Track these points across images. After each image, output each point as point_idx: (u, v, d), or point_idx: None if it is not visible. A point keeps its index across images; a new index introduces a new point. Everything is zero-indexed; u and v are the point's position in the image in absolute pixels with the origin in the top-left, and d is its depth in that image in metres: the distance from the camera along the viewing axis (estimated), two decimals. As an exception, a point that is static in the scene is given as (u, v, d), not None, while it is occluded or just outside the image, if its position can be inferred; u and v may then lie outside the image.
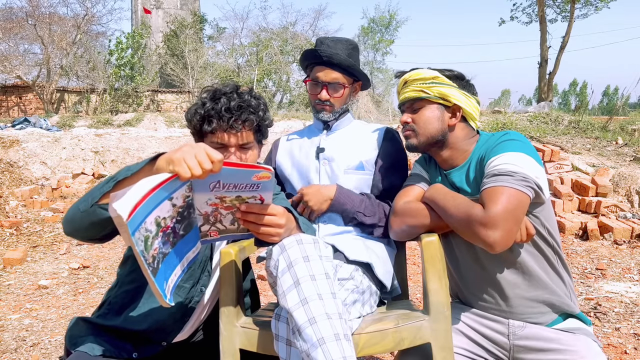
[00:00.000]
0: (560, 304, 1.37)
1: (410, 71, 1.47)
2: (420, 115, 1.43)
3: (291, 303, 1.11)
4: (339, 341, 1.05)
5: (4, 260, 3.85)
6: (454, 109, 1.42)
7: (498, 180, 1.24)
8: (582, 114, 8.88)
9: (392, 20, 24.59)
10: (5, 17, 16.51)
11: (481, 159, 1.37)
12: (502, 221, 1.18)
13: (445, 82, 1.41)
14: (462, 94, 1.42)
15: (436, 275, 1.28)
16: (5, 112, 16.27)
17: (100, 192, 1.08)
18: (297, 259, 1.15)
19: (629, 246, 4.16)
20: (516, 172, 1.23)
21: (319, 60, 1.62)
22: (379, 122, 12.45)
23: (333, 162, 1.65)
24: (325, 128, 1.71)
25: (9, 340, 2.59)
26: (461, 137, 1.44)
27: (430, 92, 1.40)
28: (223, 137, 1.34)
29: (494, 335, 1.40)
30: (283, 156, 1.75)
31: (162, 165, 0.98)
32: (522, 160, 1.26)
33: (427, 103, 1.42)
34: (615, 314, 2.84)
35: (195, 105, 1.37)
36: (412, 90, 1.43)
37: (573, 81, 49.52)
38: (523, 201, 1.22)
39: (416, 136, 1.44)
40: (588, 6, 16.59)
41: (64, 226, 1.17)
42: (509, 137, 1.34)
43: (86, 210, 1.08)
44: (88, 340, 1.32)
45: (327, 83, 1.62)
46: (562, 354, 1.29)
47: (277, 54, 19.87)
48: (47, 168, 7.17)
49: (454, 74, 1.44)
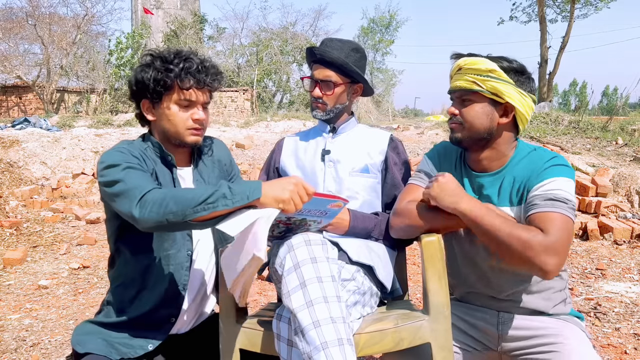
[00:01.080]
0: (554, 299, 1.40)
1: (467, 56, 1.38)
2: (469, 109, 1.36)
3: (296, 304, 1.11)
4: (341, 346, 1.06)
5: (4, 260, 3.85)
6: (506, 107, 1.34)
7: (556, 206, 1.24)
8: (582, 114, 8.88)
9: (392, 21, 24.58)
10: (5, 17, 16.51)
11: (525, 179, 1.33)
12: (561, 248, 1.19)
13: (501, 78, 1.32)
14: (518, 92, 1.33)
15: (436, 275, 1.29)
16: (5, 112, 16.27)
17: (194, 213, 1.11)
18: (304, 260, 1.15)
19: (629, 246, 4.16)
20: (570, 200, 1.25)
21: (315, 58, 1.65)
22: (379, 122, 12.47)
23: (338, 164, 1.65)
24: (332, 130, 1.72)
25: (9, 340, 2.59)
26: (506, 139, 1.38)
27: (483, 86, 1.32)
28: (193, 94, 1.38)
29: (483, 325, 1.43)
30: (288, 156, 1.75)
31: (269, 202, 1.12)
32: (572, 189, 1.28)
33: (479, 97, 1.34)
34: (615, 314, 2.84)
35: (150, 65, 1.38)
36: (465, 81, 1.35)
37: (573, 81, 49.54)
38: (572, 227, 1.25)
39: (462, 130, 1.38)
40: (588, 6, 16.60)
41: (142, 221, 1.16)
42: (559, 161, 1.32)
43: (175, 222, 1.13)
44: (100, 344, 1.34)
45: (319, 80, 1.63)
46: (547, 338, 1.32)
47: (277, 54, 19.86)
48: (47, 168, 7.17)
49: (513, 66, 1.34)
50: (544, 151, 1.37)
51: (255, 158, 7.60)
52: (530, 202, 1.29)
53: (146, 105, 1.41)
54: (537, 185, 1.29)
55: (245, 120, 10.90)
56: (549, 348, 1.29)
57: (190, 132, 1.40)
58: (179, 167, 1.47)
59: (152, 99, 1.39)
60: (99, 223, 5.35)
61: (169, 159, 1.43)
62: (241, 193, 1.12)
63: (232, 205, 1.11)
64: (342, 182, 1.63)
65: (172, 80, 1.35)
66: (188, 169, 1.50)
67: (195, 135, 1.41)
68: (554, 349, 1.27)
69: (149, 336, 1.38)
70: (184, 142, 1.41)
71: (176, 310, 1.41)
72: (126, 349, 1.34)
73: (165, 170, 1.42)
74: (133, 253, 1.38)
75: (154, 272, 1.38)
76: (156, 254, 1.38)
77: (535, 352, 1.32)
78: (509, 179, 1.37)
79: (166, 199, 1.13)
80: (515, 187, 1.35)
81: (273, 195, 1.12)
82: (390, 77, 25.30)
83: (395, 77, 25.67)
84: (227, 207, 1.11)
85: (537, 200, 1.27)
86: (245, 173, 6.88)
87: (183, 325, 1.47)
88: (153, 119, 1.42)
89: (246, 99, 16.22)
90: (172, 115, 1.38)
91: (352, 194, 1.62)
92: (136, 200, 1.17)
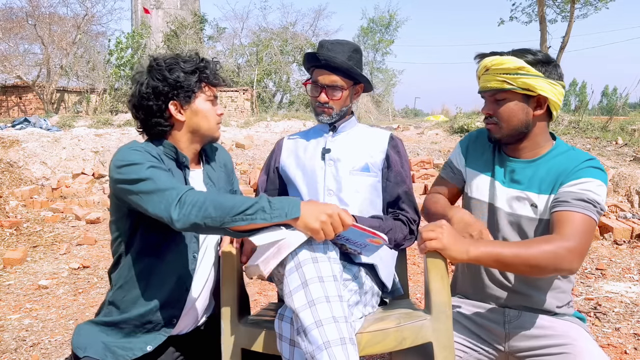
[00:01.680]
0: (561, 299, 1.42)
1: (491, 55, 1.39)
2: (505, 109, 1.37)
3: (298, 304, 1.11)
4: (344, 345, 1.06)
5: (4, 260, 3.85)
6: (538, 98, 1.36)
7: (584, 207, 1.26)
8: (582, 114, 8.88)
9: (391, 21, 24.58)
10: (5, 17, 16.50)
11: (562, 171, 1.35)
12: (585, 250, 1.24)
13: (530, 73, 1.32)
14: (549, 83, 1.34)
15: (438, 275, 1.29)
16: (5, 112, 16.26)
17: (232, 222, 1.14)
18: (306, 260, 1.15)
19: (629, 246, 4.16)
20: (599, 203, 1.27)
21: (319, 63, 1.63)
22: (379, 122, 12.47)
23: (339, 162, 1.65)
24: (332, 130, 1.72)
25: (9, 340, 2.59)
26: (541, 128, 1.41)
27: (515, 83, 1.33)
28: (214, 91, 1.48)
29: (490, 325, 1.44)
30: (287, 156, 1.75)
31: (301, 227, 1.15)
32: (604, 193, 1.30)
33: (512, 94, 1.36)
34: (615, 314, 2.84)
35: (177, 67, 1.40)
36: (496, 81, 1.36)
37: (573, 81, 49.47)
38: (594, 229, 1.30)
39: (500, 129, 1.39)
40: (588, 6, 16.59)
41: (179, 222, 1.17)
42: (596, 164, 1.34)
43: (212, 226, 1.16)
44: (98, 346, 1.33)
45: (325, 86, 1.63)
46: (555, 339, 1.33)
47: (277, 54, 19.86)
48: (47, 168, 7.17)
49: (538, 58, 1.35)
50: (581, 152, 1.39)
51: (255, 158, 7.60)
52: (561, 197, 1.30)
53: (176, 106, 1.41)
54: (572, 182, 1.31)
55: (245, 120, 10.90)
56: (559, 350, 1.29)
57: (218, 126, 1.49)
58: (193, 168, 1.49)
59: (183, 98, 1.40)
60: (99, 223, 5.34)
61: (183, 161, 1.43)
62: (280, 209, 1.14)
63: (270, 220, 1.14)
64: (342, 181, 1.63)
65: (206, 76, 1.42)
66: (198, 170, 1.51)
67: (219, 129, 1.50)
68: (564, 350, 1.28)
69: (149, 337, 1.37)
70: (214, 137, 1.49)
71: (178, 311, 1.41)
72: (124, 351, 1.34)
73: (178, 171, 1.43)
74: (140, 253, 1.38)
75: (159, 273, 1.39)
76: (163, 254, 1.39)
77: (544, 354, 1.32)
78: (544, 168, 1.39)
79: (206, 203, 1.16)
80: (549, 177, 1.37)
81: (305, 221, 1.14)
82: (390, 77, 25.29)
83: (395, 77, 25.68)
84: (265, 221, 1.14)
85: (568, 197, 1.29)
86: (245, 173, 6.88)
87: (185, 327, 1.47)
88: (183, 120, 1.43)
89: (246, 99, 16.22)
90: (206, 112, 1.44)
91: (352, 192, 1.62)
92: (175, 201, 1.18)
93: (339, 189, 1.62)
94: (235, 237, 1.20)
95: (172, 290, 1.39)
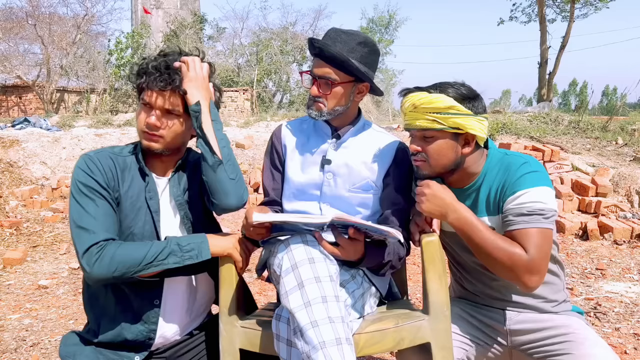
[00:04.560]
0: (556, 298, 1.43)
1: (416, 91, 1.35)
2: (433, 147, 1.34)
3: (294, 304, 1.11)
4: (340, 345, 1.06)
5: (4, 260, 3.85)
6: (466, 136, 1.34)
7: (531, 221, 1.26)
8: (582, 114, 8.87)
9: (391, 20, 24.58)
10: (5, 17, 16.50)
11: (499, 189, 1.33)
12: (542, 265, 1.25)
13: (461, 112, 1.30)
14: (477, 120, 1.32)
15: (436, 275, 1.29)
16: (5, 112, 16.26)
17: (144, 270, 1.22)
18: (302, 260, 1.15)
19: (628, 246, 4.16)
20: (545, 210, 1.26)
21: (315, 51, 1.45)
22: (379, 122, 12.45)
23: (338, 177, 1.50)
24: (335, 137, 1.53)
25: (9, 340, 2.59)
26: (472, 160, 1.39)
27: (445, 123, 1.31)
28: (148, 95, 1.31)
29: (491, 323, 1.46)
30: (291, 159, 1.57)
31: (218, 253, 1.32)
32: (547, 196, 1.28)
33: (441, 132, 1.33)
34: (615, 314, 2.84)
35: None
36: (425, 120, 1.32)
37: (573, 81, 49.46)
38: (551, 237, 1.28)
39: (429, 166, 1.37)
40: (588, 6, 16.59)
41: (88, 275, 1.22)
42: (530, 168, 1.31)
43: (125, 277, 1.22)
44: (88, 351, 1.32)
45: (317, 77, 1.44)
46: (556, 329, 1.35)
47: (277, 54, 19.86)
48: (47, 168, 7.17)
49: (464, 94, 1.32)
50: (514, 157, 1.36)
51: (255, 158, 7.59)
52: (506, 216, 1.30)
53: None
54: (511, 197, 1.30)
55: (245, 120, 10.89)
56: (561, 339, 1.31)
57: (144, 135, 1.33)
58: (158, 175, 1.40)
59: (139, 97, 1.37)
60: (99, 223, 5.33)
61: (141, 166, 1.37)
62: (191, 251, 1.25)
63: (182, 262, 1.24)
64: (339, 199, 1.50)
65: (133, 76, 1.33)
66: (164, 179, 1.41)
67: (147, 139, 1.33)
68: (567, 339, 1.30)
69: (134, 350, 1.34)
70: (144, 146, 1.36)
71: (153, 327, 1.34)
72: (115, 356, 1.32)
73: (140, 180, 1.36)
74: None
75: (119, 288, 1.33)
76: None
77: (547, 344, 1.34)
78: (485, 190, 1.38)
79: (115, 257, 1.19)
80: (492, 197, 1.36)
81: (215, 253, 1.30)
82: (390, 77, 25.30)
83: (395, 77, 25.70)
84: (177, 264, 1.24)
85: (511, 216, 1.28)
86: (245, 173, 6.87)
87: (166, 341, 1.39)
88: None
89: (246, 98, 16.22)
90: (137, 114, 1.35)
91: (348, 207, 1.51)
92: (83, 249, 1.20)
93: (335, 205, 1.51)
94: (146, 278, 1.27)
95: (137, 308, 1.33)
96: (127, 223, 1.31)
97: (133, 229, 1.32)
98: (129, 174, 1.35)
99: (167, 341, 1.40)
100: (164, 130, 1.32)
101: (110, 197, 1.29)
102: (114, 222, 1.28)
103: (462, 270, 1.52)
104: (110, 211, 1.28)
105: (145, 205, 1.34)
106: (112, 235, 1.25)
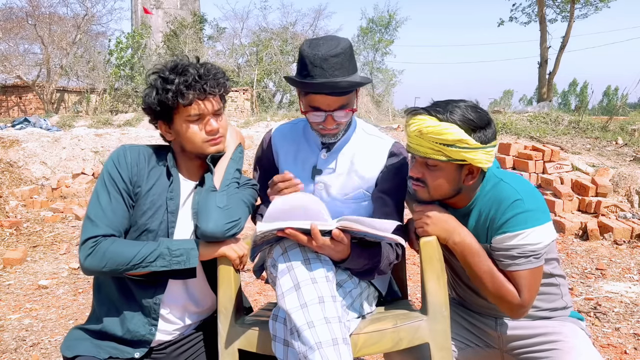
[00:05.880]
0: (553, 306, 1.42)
1: (425, 115, 1.26)
2: (436, 177, 1.28)
3: (290, 305, 1.11)
4: (336, 346, 1.07)
5: (4, 260, 3.85)
6: (470, 167, 1.28)
7: (522, 263, 1.26)
8: (582, 114, 8.88)
9: (391, 20, 24.57)
10: (5, 17, 16.51)
11: (489, 219, 1.30)
12: (532, 301, 1.28)
13: (470, 146, 1.22)
14: (485, 152, 1.24)
15: (434, 276, 1.29)
16: (5, 112, 16.27)
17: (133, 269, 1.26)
18: (298, 262, 1.15)
19: (628, 246, 4.16)
20: (535, 251, 1.26)
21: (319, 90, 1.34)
22: (379, 122, 12.43)
23: (330, 188, 1.48)
24: (325, 148, 1.49)
25: (9, 340, 2.59)
26: (472, 187, 1.34)
27: (452, 156, 1.24)
28: (200, 107, 1.33)
29: (483, 327, 1.47)
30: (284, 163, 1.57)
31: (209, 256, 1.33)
32: (539, 236, 1.24)
33: (445, 164, 1.26)
34: (615, 314, 2.84)
35: (153, 87, 1.35)
36: (431, 149, 1.24)
37: (573, 81, 49.42)
38: (541, 272, 1.30)
39: (427, 193, 1.32)
40: (588, 6, 16.59)
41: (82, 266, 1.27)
42: (522, 207, 1.24)
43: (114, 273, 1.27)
44: (88, 346, 1.33)
45: (332, 111, 1.36)
46: (547, 336, 1.35)
47: (277, 54, 19.86)
48: (47, 168, 7.17)
49: (474, 124, 1.23)
50: (508, 188, 1.28)
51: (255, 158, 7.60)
52: (501, 254, 1.28)
53: (163, 127, 1.39)
54: (500, 237, 1.27)
55: (245, 120, 10.90)
56: (550, 346, 1.31)
57: (209, 143, 1.37)
58: (189, 179, 1.43)
59: (165, 120, 1.38)
60: (99, 223, 5.34)
61: (171, 171, 1.40)
62: (180, 256, 1.27)
63: (169, 267, 1.26)
64: (332, 208, 1.41)
65: (172, 100, 1.31)
66: (191, 183, 1.43)
67: (214, 144, 1.38)
68: (555, 347, 1.30)
69: (134, 345, 1.35)
70: (205, 155, 1.39)
71: (154, 321, 1.36)
72: (115, 350, 1.33)
73: (165, 179, 1.39)
74: None
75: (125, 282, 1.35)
76: None
77: (535, 351, 1.34)
78: (475, 215, 1.35)
79: (107, 253, 1.24)
80: (481, 224, 1.33)
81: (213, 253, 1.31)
82: (390, 77, 25.30)
83: (395, 77, 25.70)
84: (165, 268, 1.26)
85: (501, 256, 1.28)
86: (245, 173, 6.86)
87: (166, 337, 1.40)
88: (172, 139, 1.40)
89: (246, 99, 16.23)
90: (186, 133, 1.35)
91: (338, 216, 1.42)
92: (82, 240, 1.26)
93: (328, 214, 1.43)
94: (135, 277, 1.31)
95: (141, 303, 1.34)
96: (145, 219, 1.34)
97: (149, 226, 1.35)
98: (156, 172, 1.39)
99: (168, 337, 1.41)
100: (222, 129, 1.40)
101: (128, 191, 1.33)
102: (123, 218, 1.32)
103: (455, 275, 1.52)
104: (122, 207, 1.32)
105: (165, 205, 1.37)
106: (114, 232, 1.28)
